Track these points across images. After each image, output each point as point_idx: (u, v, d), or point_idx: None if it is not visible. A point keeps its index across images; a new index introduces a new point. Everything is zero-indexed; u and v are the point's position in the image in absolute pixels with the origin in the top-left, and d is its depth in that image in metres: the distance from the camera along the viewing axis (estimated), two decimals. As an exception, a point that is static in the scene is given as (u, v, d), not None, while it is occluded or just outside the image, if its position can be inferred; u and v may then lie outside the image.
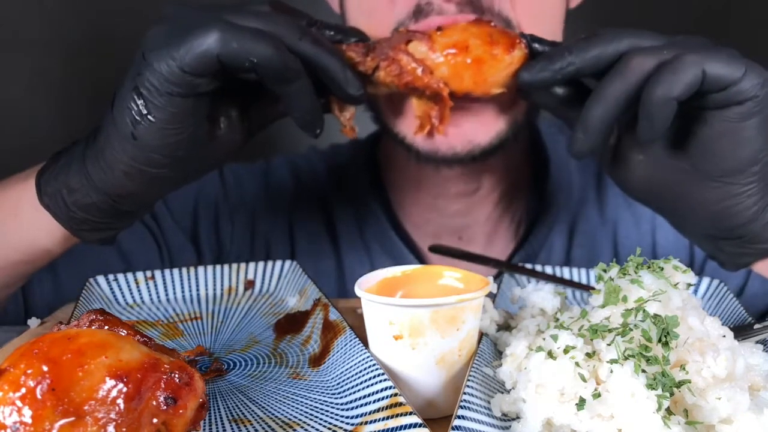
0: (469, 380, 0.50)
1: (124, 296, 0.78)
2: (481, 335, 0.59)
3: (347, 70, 0.62)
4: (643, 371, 0.45)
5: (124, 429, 0.40)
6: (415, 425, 0.45)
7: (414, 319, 0.52)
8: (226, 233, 1.02)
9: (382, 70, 0.66)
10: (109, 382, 0.40)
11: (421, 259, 0.99)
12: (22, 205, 0.68)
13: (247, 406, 0.55)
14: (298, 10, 0.65)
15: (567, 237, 0.99)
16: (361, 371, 0.55)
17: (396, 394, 0.49)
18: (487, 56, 0.65)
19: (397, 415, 0.47)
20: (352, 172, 1.04)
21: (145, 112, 0.58)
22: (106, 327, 0.48)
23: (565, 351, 0.49)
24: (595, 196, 1.00)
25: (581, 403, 0.46)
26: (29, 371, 0.39)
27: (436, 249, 0.95)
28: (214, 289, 0.82)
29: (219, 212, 1.02)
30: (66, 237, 0.69)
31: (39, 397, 0.39)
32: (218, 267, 0.82)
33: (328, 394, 0.56)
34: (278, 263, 0.84)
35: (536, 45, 0.66)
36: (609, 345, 0.48)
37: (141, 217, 0.77)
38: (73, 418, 0.39)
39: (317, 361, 0.62)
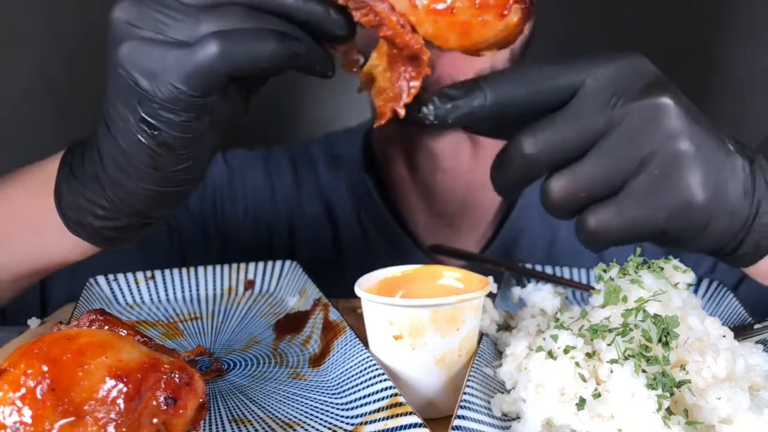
0: (469, 380, 0.50)
1: (124, 296, 0.78)
2: (481, 335, 0.59)
3: (331, 12, 0.53)
4: (643, 371, 0.45)
5: (124, 429, 0.40)
6: (415, 425, 0.45)
7: (414, 319, 0.52)
8: (230, 218, 1.03)
9: (359, 16, 0.55)
10: (109, 382, 0.40)
11: (416, 242, 1.01)
12: (46, 225, 0.66)
13: (247, 406, 0.54)
14: None
15: (547, 226, 1.00)
16: (361, 371, 0.55)
17: (396, 394, 0.49)
18: (475, 21, 0.53)
19: (397, 415, 0.47)
20: (347, 160, 1.06)
21: (162, 141, 0.54)
22: (106, 327, 0.48)
23: (565, 351, 0.49)
24: None
25: (581, 403, 0.46)
26: (29, 371, 0.39)
27: (437, 249, 0.96)
28: (214, 289, 0.82)
29: (224, 197, 1.05)
30: (94, 249, 0.68)
31: (39, 397, 0.39)
32: (218, 267, 0.82)
33: (328, 394, 0.56)
34: (278, 263, 0.84)
35: None
36: (609, 345, 0.48)
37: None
38: (73, 418, 0.39)
39: (317, 361, 0.62)
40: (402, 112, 0.58)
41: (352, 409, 0.52)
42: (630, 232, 0.54)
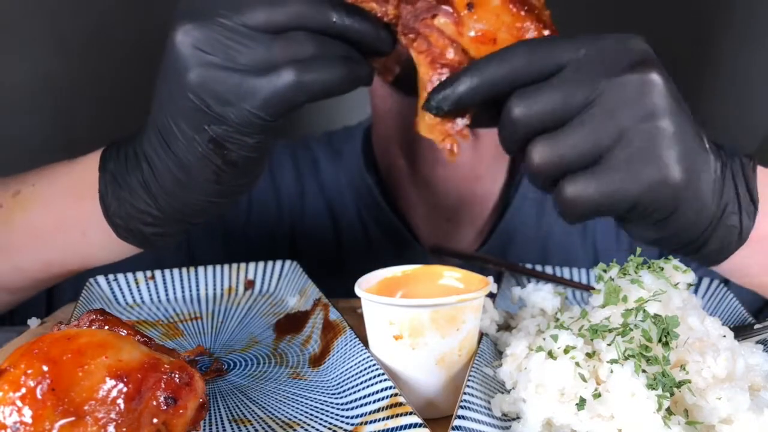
0: (469, 380, 0.50)
1: (124, 296, 0.78)
2: (481, 335, 0.59)
3: (380, 30, 0.58)
4: (644, 371, 0.45)
5: (124, 429, 0.40)
6: (415, 425, 0.45)
7: (414, 319, 0.52)
8: (233, 214, 1.04)
9: (407, 41, 0.59)
10: (109, 382, 0.40)
11: (416, 238, 1.02)
12: (91, 228, 0.67)
13: (247, 406, 0.55)
14: None
15: (542, 222, 1.01)
16: (361, 371, 0.55)
17: (396, 394, 0.49)
18: None
19: (397, 415, 0.47)
20: (347, 158, 1.07)
21: (229, 160, 0.57)
22: (106, 327, 0.48)
23: (565, 351, 0.49)
24: None
25: (581, 403, 0.46)
26: (29, 371, 0.39)
27: (437, 250, 0.96)
28: (214, 289, 0.82)
29: None
30: (136, 250, 0.70)
31: (39, 397, 0.39)
32: (218, 267, 0.82)
33: (328, 394, 0.56)
34: (278, 263, 0.84)
35: None
36: (609, 345, 0.48)
37: None
38: (73, 418, 0.39)
39: (317, 361, 0.62)
40: (457, 143, 0.59)
41: (352, 409, 0.52)
42: (604, 202, 0.54)
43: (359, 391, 0.53)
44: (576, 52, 0.53)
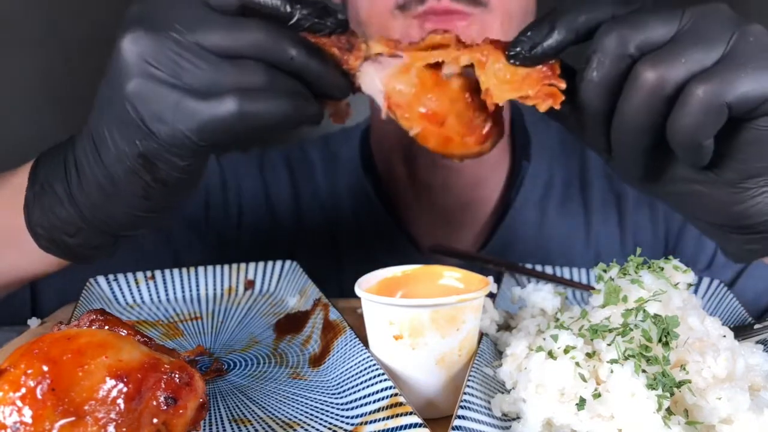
0: (469, 380, 0.50)
1: (124, 296, 0.78)
2: (481, 335, 0.59)
3: (338, 77, 0.56)
4: (644, 371, 0.45)
5: (124, 429, 0.40)
6: (415, 425, 0.45)
7: (414, 319, 0.52)
8: (223, 220, 1.03)
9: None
10: (110, 382, 0.40)
11: (414, 242, 1.02)
12: (21, 238, 0.65)
13: (247, 406, 0.55)
14: None
15: (543, 225, 1.01)
16: (361, 371, 0.55)
17: (396, 394, 0.49)
18: (458, 139, 0.59)
19: (397, 415, 0.47)
20: (345, 160, 1.06)
21: (159, 178, 0.55)
22: (106, 327, 0.48)
23: (565, 351, 0.49)
24: (578, 191, 1.02)
25: (581, 403, 0.46)
26: (29, 371, 0.39)
27: (436, 249, 0.96)
28: (214, 289, 0.82)
29: (216, 199, 1.04)
30: (63, 262, 0.68)
31: (39, 397, 0.39)
32: (218, 267, 0.82)
33: (328, 394, 0.56)
34: (278, 263, 0.84)
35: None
36: (609, 345, 0.48)
37: None
38: (73, 418, 0.39)
39: (317, 361, 0.62)
40: (556, 89, 0.55)
41: (352, 409, 0.52)
42: (748, 85, 0.49)
43: (359, 391, 0.53)
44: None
